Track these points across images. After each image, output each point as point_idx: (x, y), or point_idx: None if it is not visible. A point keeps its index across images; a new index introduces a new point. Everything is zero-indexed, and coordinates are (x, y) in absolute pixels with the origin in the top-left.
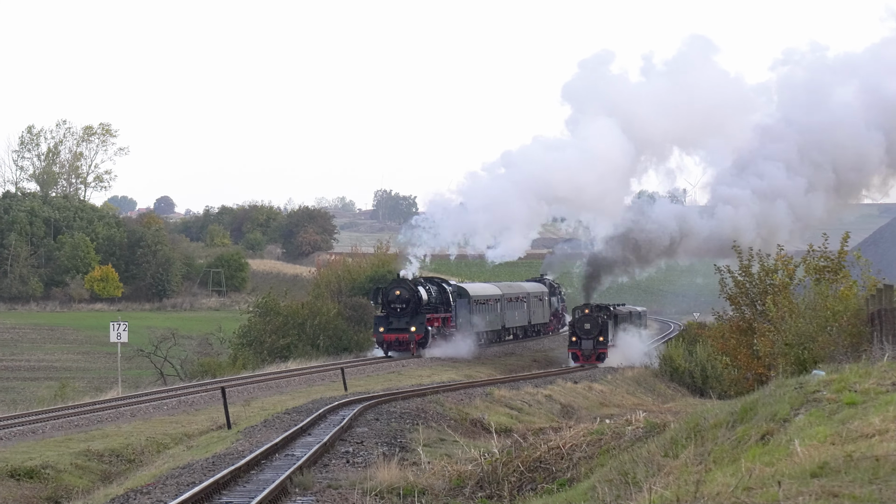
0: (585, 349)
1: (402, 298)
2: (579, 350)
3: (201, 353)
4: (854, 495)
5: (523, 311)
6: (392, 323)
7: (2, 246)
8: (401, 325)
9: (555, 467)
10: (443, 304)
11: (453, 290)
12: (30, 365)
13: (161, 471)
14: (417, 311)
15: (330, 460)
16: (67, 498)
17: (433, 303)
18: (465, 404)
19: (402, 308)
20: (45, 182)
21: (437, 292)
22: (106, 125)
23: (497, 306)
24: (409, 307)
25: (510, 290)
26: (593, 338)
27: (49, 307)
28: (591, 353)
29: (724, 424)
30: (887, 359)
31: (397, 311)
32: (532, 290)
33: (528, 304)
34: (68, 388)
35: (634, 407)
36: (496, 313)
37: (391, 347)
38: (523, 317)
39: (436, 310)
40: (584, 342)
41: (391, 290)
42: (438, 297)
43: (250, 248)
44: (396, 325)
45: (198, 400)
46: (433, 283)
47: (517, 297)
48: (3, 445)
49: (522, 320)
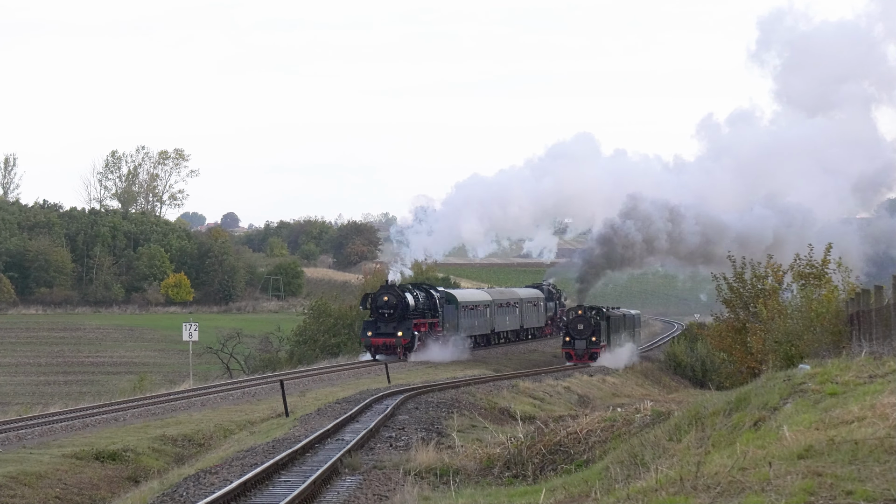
0: (578, 349)
1: (390, 304)
2: (573, 350)
3: (262, 350)
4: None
5: (515, 315)
6: (380, 328)
7: (88, 256)
8: (388, 330)
9: (573, 450)
10: (430, 309)
11: (441, 295)
12: (112, 361)
13: (227, 453)
14: (404, 317)
15: (375, 444)
16: (145, 477)
17: (420, 308)
18: (493, 395)
19: (390, 313)
20: (125, 200)
21: (425, 298)
22: (179, 150)
23: (486, 311)
24: (397, 312)
25: (501, 296)
26: (586, 338)
27: (129, 310)
28: (584, 353)
29: (721, 412)
30: (864, 354)
31: (385, 316)
32: (525, 295)
33: (521, 309)
34: (146, 381)
35: (643, 397)
36: (485, 318)
37: (378, 351)
38: (515, 321)
39: (423, 315)
40: (577, 342)
41: (379, 296)
42: (426, 303)
43: (305, 257)
44: (384, 330)
45: (259, 391)
46: (421, 289)
47: (508, 303)
48: (90, 431)
49: (514, 324)
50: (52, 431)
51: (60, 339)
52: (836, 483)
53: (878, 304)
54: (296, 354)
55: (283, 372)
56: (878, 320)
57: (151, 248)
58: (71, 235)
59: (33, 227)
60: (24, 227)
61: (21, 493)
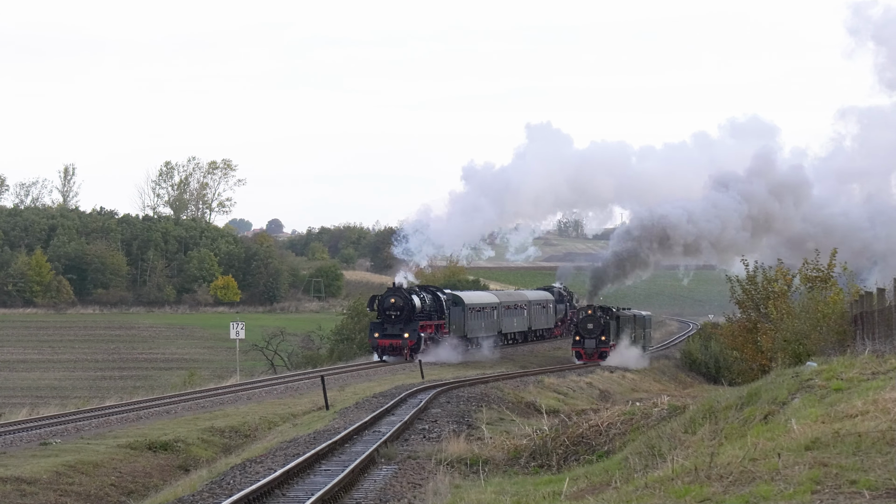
0: (588, 348)
1: (397, 306)
2: (582, 349)
3: (304, 347)
4: (841, 464)
5: (523, 317)
6: (386, 329)
7: (142, 260)
8: (395, 332)
9: (594, 442)
10: (436, 311)
11: (448, 298)
12: (164, 357)
13: (272, 444)
14: (411, 319)
15: (410, 435)
16: (195, 466)
17: (427, 310)
18: (520, 390)
19: (397, 315)
20: (177, 207)
21: (432, 300)
22: (227, 161)
23: (493, 313)
24: (403, 314)
25: (509, 298)
26: (595, 337)
27: (180, 310)
28: (594, 352)
29: (733, 407)
30: (867, 353)
31: (392, 317)
32: (534, 297)
33: (529, 311)
34: (196, 376)
35: (660, 392)
36: (492, 320)
37: (385, 352)
38: (523, 323)
39: (429, 317)
40: (586, 341)
41: (386, 297)
42: (432, 305)
43: (344, 261)
44: (391, 332)
45: (301, 386)
46: (428, 291)
47: (516, 305)
48: (143, 423)
49: (522, 326)
50: (108, 423)
51: (116, 337)
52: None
53: (881, 305)
54: (335, 351)
55: (323, 368)
56: (880, 321)
57: (201, 252)
58: (126, 240)
59: (91, 232)
60: (82, 233)
61: (79, 481)
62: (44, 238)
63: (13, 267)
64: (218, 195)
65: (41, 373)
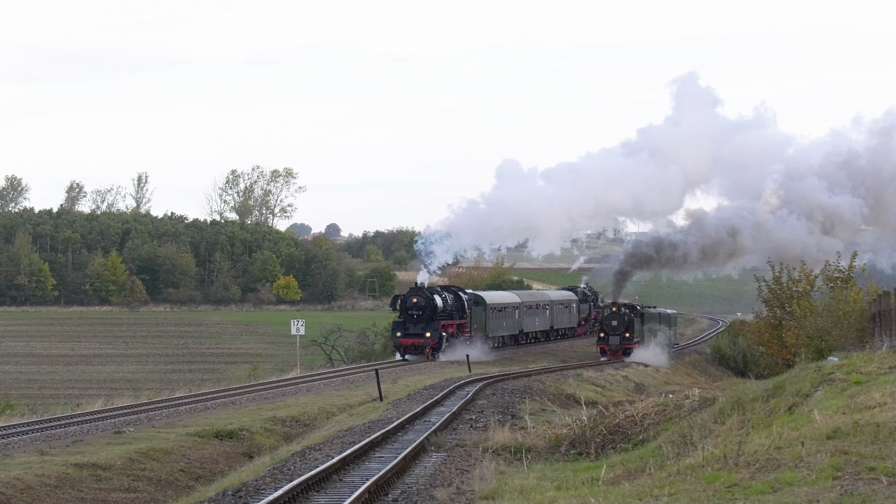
0: (612, 344)
1: (419, 305)
2: (607, 345)
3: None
4: (860, 453)
5: (545, 317)
6: (409, 328)
7: (209, 261)
8: (417, 331)
9: (630, 431)
10: (458, 311)
11: (469, 297)
12: (230, 352)
13: (329, 433)
14: (433, 318)
15: (458, 425)
16: (258, 453)
17: (448, 310)
18: (561, 382)
19: (419, 314)
20: (242, 212)
21: (453, 300)
22: (289, 169)
23: (515, 313)
24: (425, 314)
25: (531, 298)
26: (620, 334)
27: (245, 308)
28: (618, 348)
29: (760, 399)
30: (886, 348)
31: (414, 317)
32: (557, 297)
33: (551, 310)
34: (259, 369)
35: (691, 385)
36: (514, 319)
37: (408, 351)
38: (545, 322)
39: (451, 316)
40: (611, 338)
41: (409, 297)
42: (454, 305)
43: (398, 262)
44: (413, 331)
45: (357, 378)
46: (450, 291)
47: (538, 305)
48: (210, 413)
49: (543, 325)
50: (178, 413)
51: (185, 333)
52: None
53: None
54: (389, 347)
55: (377, 362)
56: None
57: (264, 254)
58: (195, 243)
59: (162, 235)
60: (154, 236)
61: (150, 467)
62: (118, 241)
63: (90, 268)
64: (280, 201)
65: (115, 366)
